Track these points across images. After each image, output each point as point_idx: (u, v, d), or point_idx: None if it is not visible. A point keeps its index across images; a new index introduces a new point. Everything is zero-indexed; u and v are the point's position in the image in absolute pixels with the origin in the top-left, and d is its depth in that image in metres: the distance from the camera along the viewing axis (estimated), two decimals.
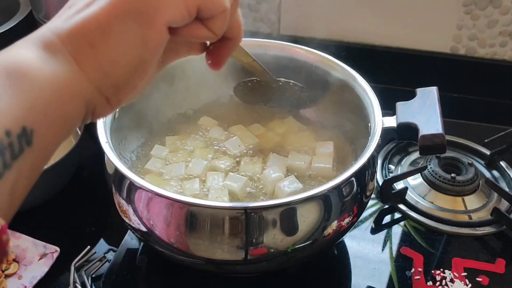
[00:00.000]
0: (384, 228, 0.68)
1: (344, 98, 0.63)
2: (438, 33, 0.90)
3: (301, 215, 0.47)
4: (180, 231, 0.48)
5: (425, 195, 0.71)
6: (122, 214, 0.53)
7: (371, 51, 0.93)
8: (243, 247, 0.47)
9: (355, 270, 0.62)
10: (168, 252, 0.51)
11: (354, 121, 0.62)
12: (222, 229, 0.47)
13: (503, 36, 0.88)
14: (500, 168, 0.76)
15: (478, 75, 0.92)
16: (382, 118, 0.55)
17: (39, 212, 0.68)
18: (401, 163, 0.77)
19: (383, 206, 0.71)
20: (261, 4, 0.94)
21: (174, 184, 0.59)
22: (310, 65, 0.67)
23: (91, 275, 0.60)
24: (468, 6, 0.86)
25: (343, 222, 0.51)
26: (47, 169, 0.64)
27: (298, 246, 0.48)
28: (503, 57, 0.91)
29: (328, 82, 0.65)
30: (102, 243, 0.65)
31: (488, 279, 0.60)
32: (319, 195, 0.47)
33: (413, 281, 0.60)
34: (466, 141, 0.80)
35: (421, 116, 0.54)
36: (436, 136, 0.51)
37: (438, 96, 0.56)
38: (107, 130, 0.53)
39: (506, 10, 0.85)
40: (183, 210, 0.47)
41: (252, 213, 0.46)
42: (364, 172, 0.52)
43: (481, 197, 0.71)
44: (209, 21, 0.31)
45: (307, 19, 0.93)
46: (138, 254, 0.62)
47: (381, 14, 0.90)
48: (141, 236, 0.52)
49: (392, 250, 0.64)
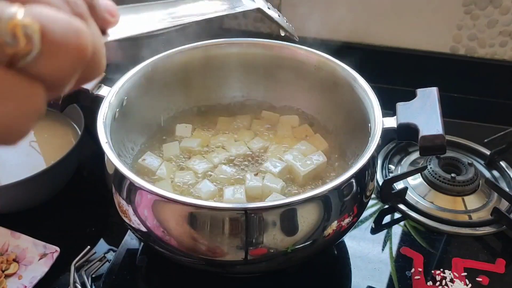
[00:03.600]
0: (384, 228, 0.68)
1: (344, 98, 0.63)
2: (438, 33, 0.90)
3: (301, 215, 0.47)
4: (180, 231, 0.48)
5: (425, 195, 0.71)
6: (122, 214, 0.53)
7: (371, 51, 0.93)
8: (243, 247, 0.47)
9: (355, 270, 0.62)
10: (168, 252, 0.51)
11: (354, 121, 0.62)
12: (222, 230, 0.47)
13: (503, 36, 0.88)
14: (500, 168, 0.76)
15: (478, 75, 0.92)
16: (382, 118, 0.55)
17: (39, 212, 0.68)
18: (401, 163, 0.77)
19: (383, 206, 0.71)
20: None
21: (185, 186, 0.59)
22: (310, 65, 0.67)
23: (91, 275, 0.60)
24: (468, 6, 0.86)
25: (343, 222, 0.51)
26: (47, 169, 0.64)
27: (298, 246, 0.48)
28: (503, 57, 0.91)
29: (328, 82, 0.65)
30: (102, 243, 0.65)
31: (488, 279, 0.60)
32: (319, 196, 0.47)
33: (413, 281, 0.60)
34: (466, 141, 0.80)
35: (421, 116, 0.54)
36: (436, 137, 0.51)
37: (439, 96, 0.56)
38: (107, 130, 0.53)
39: (506, 10, 0.85)
40: (183, 211, 0.47)
41: (252, 214, 0.46)
42: (364, 172, 0.52)
43: (481, 197, 0.71)
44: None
45: (307, 19, 0.93)
46: (138, 254, 0.62)
47: (381, 14, 0.90)
48: (141, 236, 0.52)
49: (392, 250, 0.64)
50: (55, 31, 0.19)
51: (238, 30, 0.98)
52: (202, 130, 0.69)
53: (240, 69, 0.71)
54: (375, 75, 0.65)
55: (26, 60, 0.19)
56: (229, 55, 0.69)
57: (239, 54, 0.69)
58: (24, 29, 0.18)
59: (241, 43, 0.68)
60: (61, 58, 0.20)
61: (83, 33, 0.20)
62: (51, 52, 0.19)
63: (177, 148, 0.65)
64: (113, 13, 0.26)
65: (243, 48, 0.68)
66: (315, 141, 0.66)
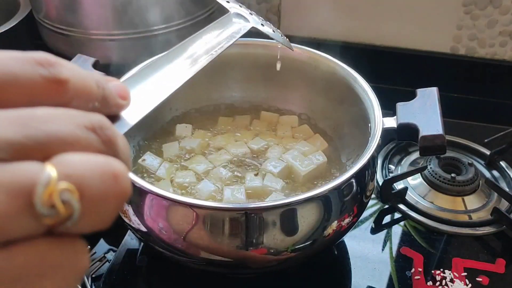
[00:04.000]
0: (384, 228, 0.68)
1: (344, 99, 0.63)
2: (438, 33, 0.90)
3: (301, 215, 0.47)
4: (180, 231, 0.48)
5: (425, 195, 0.71)
6: (122, 214, 0.53)
7: (371, 51, 0.93)
8: (243, 247, 0.47)
9: (355, 270, 0.62)
10: (168, 252, 0.51)
11: (354, 121, 0.62)
12: (222, 230, 0.47)
13: (503, 36, 0.88)
14: (500, 168, 0.76)
15: (478, 75, 0.92)
16: (382, 118, 0.55)
17: None
18: (401, 163, 0.77)
19: (383, 206, 0.71)
20: (261, 4, 0.94)
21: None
22: (310, 65, 0.67)
23: (91, 275, 0.60)
24: (468, 6, 0.86)
25: (343, 222, 0.51)
26: None
27: (298, 246, 0.48)
28: (503, 57, 0.91)
29: (328, 82, 0.65)
30: (102, 243, 0.65)
31: (488, 279, 0.60)
32: (319, 196, 0.47)
33: (413, 281, 0.60)
34: (466, 141, 0.80)
35: (421, 116, 0.54)
36: (436, 137, 0.51)
37: (439, 96, 0.56)
38: None
39: (506, 10, 0.85)
40: (183, 211, 0.47)
41: (252, 214, 0.46)
42: (364, 172, 0.52)
43: (481, 197, 0.71)
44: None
45: (307, 19, 0.93)
46: (138, 254, 0.62)
47: (381, 14, 0.90)
48: (141, 236, 0.52)
49: (392, 250, 0.64)
50: (92, 187, 0.17)
51: None
52: (202, 130, 0.69)
53: (240, 69, 0.71)
54: (375, 75, 0.65)
55: (66, 225, 0.17)
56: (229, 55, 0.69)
57: (239, 54, 0.69)
58: (61, 196, 0.16)
59: (241, 43, 0.68)
60: (102, 211, 0.18)
61: (120, 175, 0.18)
62: (92, 209, 0.17)
63: (177, 148, 0.65)
64: (125, 95, 0.24)
65: (243, 48, 0.68)
66: (315, 141, 0.66)
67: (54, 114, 0.18)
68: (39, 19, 0.82)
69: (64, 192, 0.16)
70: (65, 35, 0.76)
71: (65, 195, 0.16)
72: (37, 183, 0.16)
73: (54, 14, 0.78)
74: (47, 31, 0.80)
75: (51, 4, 0.77)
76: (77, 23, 0.75)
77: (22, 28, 0.84)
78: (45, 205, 0.16)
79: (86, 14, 0.74)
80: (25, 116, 0.17)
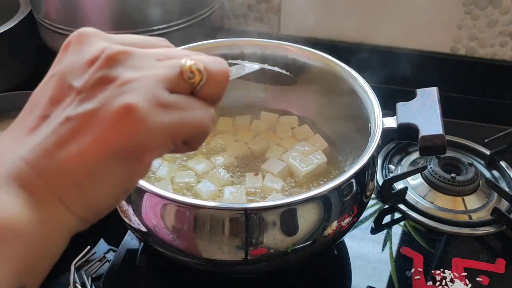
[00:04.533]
0: (384, 228, 0.68)
1: (344, 99, 0.63)
2: (438, 33, 0.90)
3: (301, 215, 0.47)
4: (180, 231, 0.48)
5: (425, 195, 0.71)
6: (122, 214, 0.53)
7: (371, 51, 0.93)
8: (243, 247, 0.47)
9: (355, 270, 0.62)
10: (168, 252, 0.51)
11: (354, 121, 0.62)
12: (222, 230, 0.47)
13: (503, 36, 0.88)
14: (500, 168, 0.76)
15: (478, 75, 0.92)
16: (382, 118, 0.55)
17: None
18: (401, 163, 0.77)
19: (383, 206, 0.71)
20: (261, 4, 0.94)
21: None
22: (310, 65, 0.67)
23: (91, 275, 0.60)
24: (468, 6, 0.86)
25: (343, 222, 0.51)
26: None
27: (298, 246, 0.48)
28: (503, 57, 0.91)
29: (328, 82, 0.65)
30: (102, 243, 0.65)
31: (488, 279, 0.60)
32: (319, 196, 0.47)
33: (413, 281, 0.60)
34: (466, 141, 0.80)
35: (421, 116, 0.54)
36: (436, 137, 0.51)
37: (439, 96, 0.56)
38: None
39: (506, 10, 0.85)
40: (183, 211, 0.47)
41: (252, 214, 0.46)
42: (364, 172, 0.52)
43: (481, 197, 0.71)
44: (190, 142, 0.31)
45: (307, 19, 0.93)
46: (138, 254, 0.62)
47: (381, 14, 0.91)
48: (141, 236, 0.52)
49: (392, 250, 0.64)
50: (211, 65, 0.30)
51: (238, 30, 0.98)
52: None
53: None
54: (375, 75, 0.65)
55: (199, 86, 0.30)
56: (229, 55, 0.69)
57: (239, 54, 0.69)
58: (195, 67, 0.29)
59: (241, 43, 0.68)
60: (218, 81, 0.31)
61: (225, 64, 0.32)
62: (212, 78, 0.30)
63: None
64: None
65: (243, 48, 0.68)
66: (315, 141, 0.66)
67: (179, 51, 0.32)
68: (39, 19, 0.82)
69: (197, 65, 0.29)
70: (65, 35, 0.76)
71: (197, 65, 0.29)
72: (182, 64, 0.29)
73: (54, 14, 0.78)
74: (47, 31, 0.80)
75: (51, 4, 0.77)
76: (77, 23, 0.75)
77: (22, 28, 0.85)
78: (187, 71, 0.29)
79: (86, 14, 0.74)
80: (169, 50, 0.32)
